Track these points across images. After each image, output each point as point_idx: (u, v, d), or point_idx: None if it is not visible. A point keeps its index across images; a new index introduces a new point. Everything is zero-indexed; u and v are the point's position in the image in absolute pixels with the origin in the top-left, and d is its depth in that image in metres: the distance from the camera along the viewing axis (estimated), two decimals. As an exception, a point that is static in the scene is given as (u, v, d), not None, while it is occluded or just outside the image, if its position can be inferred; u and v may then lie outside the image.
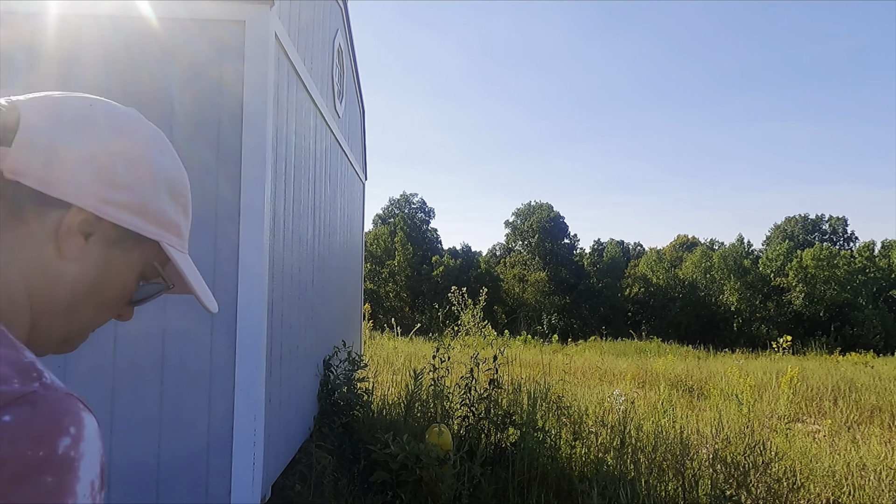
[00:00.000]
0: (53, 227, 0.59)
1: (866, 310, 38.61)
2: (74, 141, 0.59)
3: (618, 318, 43.03)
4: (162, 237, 0.66)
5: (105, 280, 0.64)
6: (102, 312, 0.68)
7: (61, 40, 2.96)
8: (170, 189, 0.67)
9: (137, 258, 0.67)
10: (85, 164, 0.59)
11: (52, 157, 0.58)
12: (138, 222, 0.63)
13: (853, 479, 4.53)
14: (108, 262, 0.63)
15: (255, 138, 2.95)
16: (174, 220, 0.67)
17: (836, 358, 16.04)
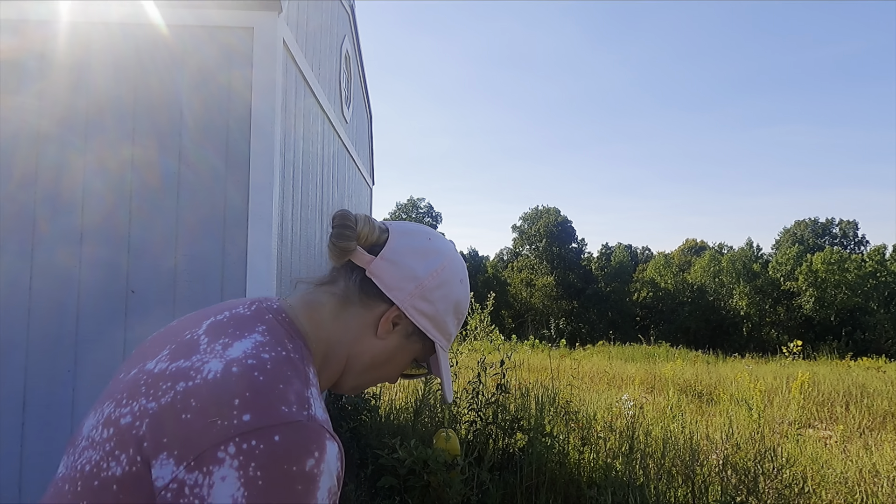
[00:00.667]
0: (378, 314, 0.86)
1: (877, 314, 38.25)
2: (413, 265, 0.86)
3: (626, 323, 42.84)
4: (439, 340, 0.91)
5: (394, 357, 0.90)
6: (382, 376, 0.93)
7: (72, 47, 2.99)
8: (456, 309, 0.92)
9: (418, 349, 0.91)
10: (413, 280, 0.86)
11: (397, 272, 0.85)
12: (429, 326, 0.89)
13: (865, 485, 4.47)
14: (400, 346, 0.90)
15: (263, 143, 2.96)
16: (451, 331, 0.93)
17: (848, 363, 15.89)
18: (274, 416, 0.66)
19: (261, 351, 0.74)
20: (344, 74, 5.53)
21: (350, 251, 0.86)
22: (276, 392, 0.69)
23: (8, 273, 2.87)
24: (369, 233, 0.87)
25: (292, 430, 0.66)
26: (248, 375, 0.70)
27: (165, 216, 2.94)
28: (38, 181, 2.92)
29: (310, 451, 0.66)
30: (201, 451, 0.64)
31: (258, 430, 0.65)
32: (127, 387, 0.75)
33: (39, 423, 2.83)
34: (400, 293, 0.85)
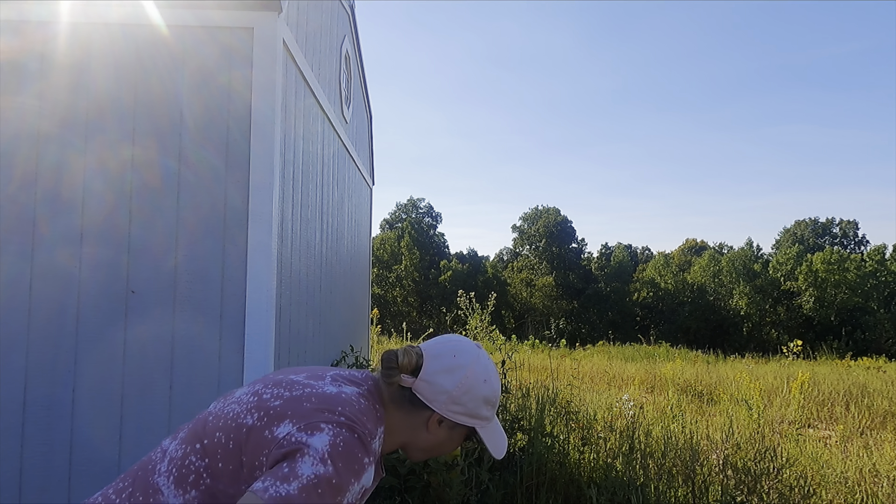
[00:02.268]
0: (425, 417, 1.21)
1: (878, 314, 38.24)
2: (443, 382, 1.18)
3: (626, 323, 42.84)
4: (477, 425, 1.24)
5: (445, 443, 1.25)
6: (443, 452, 1.27)
7: (72, 48, 2.99)
8: (486, 401, 1.23)
9: (462, 433, 1.25)
10: (444, 393, 1.19)
11: (433, 389, 1.18)
12: (467, 420, 1.22)
13: (866, 485, 4.47)
14: (448, 436, 1.24)
15: (263, 144, 2.97)
16: (486, 416, 1.24)
17: (848, 362, 15.89)
18: (361, 425, 1.08)
19: (361, 398, 1.15)
20: (344, 74, 5.53)
21: (397, 382, 1.20)
22: (364, 417, 1.11)
23: (8, 273, 2.87)
24: (408, 363, 1.19)
25: (365, 439, 1.07)
26: (350, 400, 1.12)
27: (165, 216, 2.94)
28: (39, 182, 2.92)
29: (367, 454, 1.05)
30: (312, 422, 1.04)
31: (350, 425, 1.06)
32: (275, 382, 1.16)
33: (39, 423, 2.83)
34: (437, 403, 1.19)
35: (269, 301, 2.95)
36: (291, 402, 1.09)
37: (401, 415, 1.20)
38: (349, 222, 5.92)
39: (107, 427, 2.85)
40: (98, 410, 2.85)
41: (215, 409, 1.16)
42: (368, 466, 1.05)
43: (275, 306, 3.03)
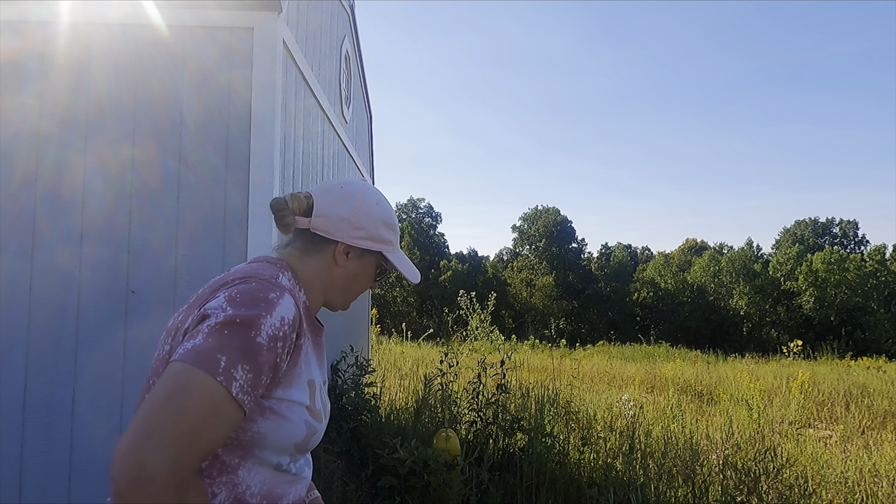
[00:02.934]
0: (332, 252, 1.21)
1: (878, 314, 38.23)
2: (338, 211, 1.20)
3: (626, 323, 42.83)
4: (382, 248, 1.25)
5: (359, 276, 1.26)
6: (361, 288, 1.28)
7: (72, 48, 2.99)
8: (384, 223, 1.24)
9: (373, 260, 1.26)
10: (343, 221, 1.20)
11: (330, 221, 1.20)
12: (371, 244, 1.22)
13: (866, 485, 4.47)
14: (360, 266, 1.25)
15: (263, 144, 2.97)
16: (388, 238, 1.25)
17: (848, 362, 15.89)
18: (255, 274, 1.09)
19: (251, 262, 1.19)
20: (344, 74, 5.53)
21: (292, 224, 1.20)
22: (259, 269, 1.12)
23: (8, 273, 2.87)
24: (299, 205, 1.20)
25: (265, 283, 1.06)
26: (237, 267, 1.17)
27: (165, 216, 2.94)
28: (39, 182, 2.92)
29: (272, 289, 1.04)
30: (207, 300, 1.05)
31: (242, 278, 1.07)
32: None
33: (39, 424, 2.83)
34: (339, 233, 1.20)
35: (269, 301, 2.95)
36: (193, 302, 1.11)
37: (310, 261, 1.21)
38: (349, 222, 5.91)
39: (107, 427, 2.85)
40: (98, 410, 2.85)
41: None
42: (280, 299, 1.02)
43: (275, 306, 3.03)
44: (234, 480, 1.02)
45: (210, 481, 1.01)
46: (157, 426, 0.85)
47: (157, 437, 0.85)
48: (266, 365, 0.97)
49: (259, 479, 1.05)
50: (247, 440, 1.02)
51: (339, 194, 1.21)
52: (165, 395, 0.88)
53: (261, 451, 1.04)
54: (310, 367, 1.12)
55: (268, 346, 0.97)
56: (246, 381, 0.94)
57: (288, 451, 1.08)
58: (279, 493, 1.08)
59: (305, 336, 1.12)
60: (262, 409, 1.02)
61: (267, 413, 1.02)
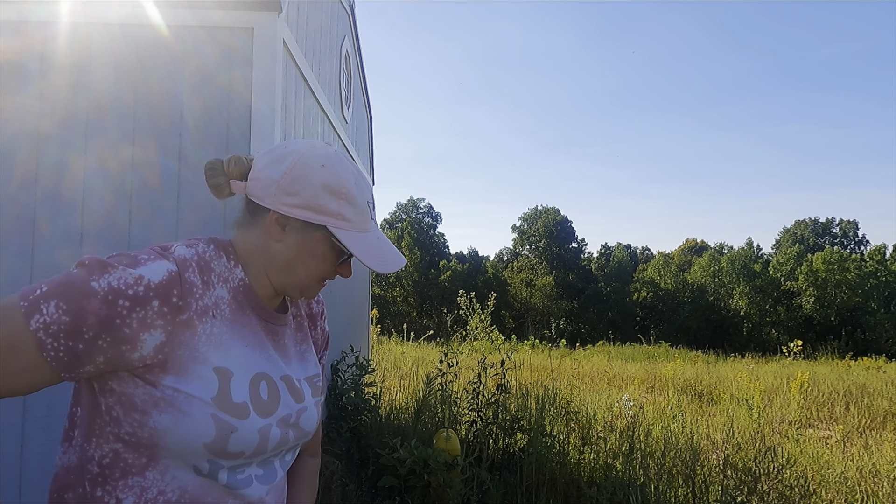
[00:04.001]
0: (265, 223, 1.00)
1: (878, 314, 38.22)
2: (270, 173, 0.98)
3: (626, 323, 42.82)
4: (327, 221, 0.98)
5: (306, 252, 1.01)
6: (310, 272, 1.03)
7: (72, 48, 2.99)
8: (328, 190, 0.98)
9: (320, 238, 1.00)
10: (273, 184, 0.98)
11: (261, 184, 0.98)
12: (308, 214, 0.98)
13: (866, 485, 4.47)
14: (303, 240, 1.00)
15: (263, 144, 2.96)
16: (336, 210, 0.99)
17: (848, 362, 15.89)
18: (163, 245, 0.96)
19: None
20: (344, 75, 5.53)
21: (223, 186, 1.02)
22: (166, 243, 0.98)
23: (8, 273, 2.87)
24: (236, 167, 1.02)
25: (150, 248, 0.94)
26: None
27: (166, 217, 2.94)
28: (39, 182, 2.92)
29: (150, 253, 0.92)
30: None
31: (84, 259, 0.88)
32: None
33: (39, 424, 2.83)
34: (268, 199, 0.98)
35: (269, 301, 2.95)
36: None
37: (248, 234, 1.02)
38: (349, 222, 5.91)
39: (107, 427, 2.85)
40: (98, 410, 2.85)
41: None
42: (150, 261, 0.88)
43: (275, 306, 3.03)
44: (142, 484, 0.89)
45: (112, 484, 0.89)
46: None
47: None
48: (93, 316, 0.82)
49: (177, 485, 0.90)
50: (146, 437, 0.88)
51: (279, 154, 1.00)
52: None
53: (165, 451, 0.89)
54: (224, 352, 0.93)
55: (103, 297, 0.82)
56: (54, 321, 0.81)
57: (200, 454, 0.90)
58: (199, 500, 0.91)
59: (219, 316, 0.95)
60: (157, 400, 0.87)
61: (161, 405, 0.87)
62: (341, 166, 1.01)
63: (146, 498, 0.89)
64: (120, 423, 0.89)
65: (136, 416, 0.88)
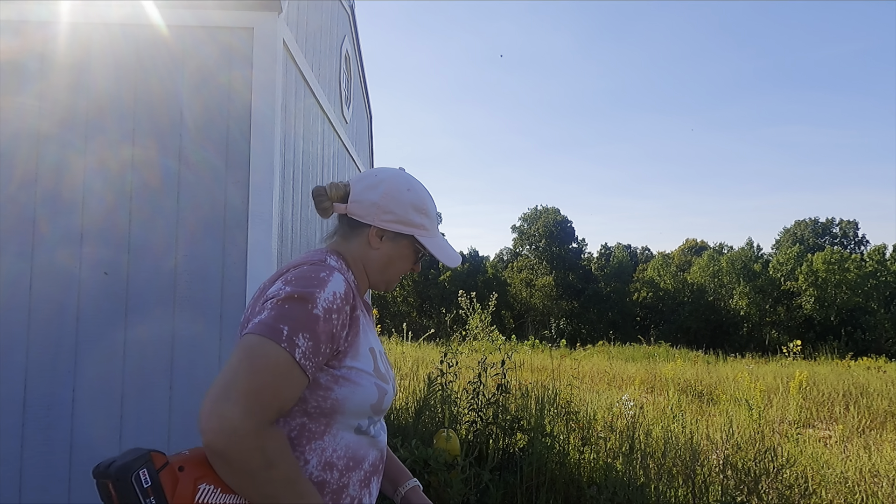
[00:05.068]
0: (366, 235, 1.32)
1: (878, 314, 38.22)
2: (369, 197, 1.30)
3: (626, 323, 42.82)
4: (414, 231, 1.33)
5: (395, 259, 1.35)
6: (401, 270, 1.37)
7: (72, 48, 2.99)
8: (414, 208, 1.32)
9: (408, 243, 1.35)
10: (373, 206, 1.30)
11: (363, 206, 1.31)
12: (402, 227, 1.32)
13: (866, 485, 4.47)
14: (394, 249, 1.34)
15: (263, 144, 2.96)
16: (419, 223, 1.33)
17: (848, 363, 15.88)
18: (302, 262, 1.23)
19: (305, 253, 1.32)
20: (344, 75, 5.53)
21: (329, 209, 1.33)
22: (305, 258, 1.26)
23: (8, 274, 2.87)
24: (337, 192, 1.33)
25: (314, 267, 1.19)
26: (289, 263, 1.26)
27: (165, 216, 2.94)
28: (39, 182, 2.92)
29: (322, 269, 1.18)
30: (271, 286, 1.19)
31: (293, 267, 1.21)
32: None
33: (39, 424, 2.83)
34: (370, 217, 1.30)
35: (269, 301, 2.94)
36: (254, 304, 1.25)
37: (350, 245, 1.33)
38: (349, 222, 5.91)
39: (107, 427, 2.84)
40: (98, 410, 2.85)
41: None
42: (330, 277, 1.16)
43: (275, 306, 3.02)
44: (321, 446, 1.16)
45: (300, 450, 1.15)
46: (232, 386, 1.00)
47: (233, 396, 0.99)
48: (324, 334, 1.10)
49: (343, 443, 1.19)
50: (328, 408, 1.15)
51: (372, 181, 1.32)
52: (238, 360, 1.03)
53: (342, 416, 1.17)
54: (367, 336, 1.25)
55: (324, 318, 1.10)
56: (307, 349, 1.07)
57: (366, 414, 1.21)
58: (361, 455, 1.22)
59: (361, 309, 1.25)
60: (336, 378, 1.16)
61: (341, 381, 1.16)
62: (420, 188, 1.37)
63: (324, 457, 1.16)
64: (306, 401, 1.14)
65: (321, 392, 1.14)
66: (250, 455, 0.99)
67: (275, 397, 1.03)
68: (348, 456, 1.19)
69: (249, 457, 0.99)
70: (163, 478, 1.00)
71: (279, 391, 1.04)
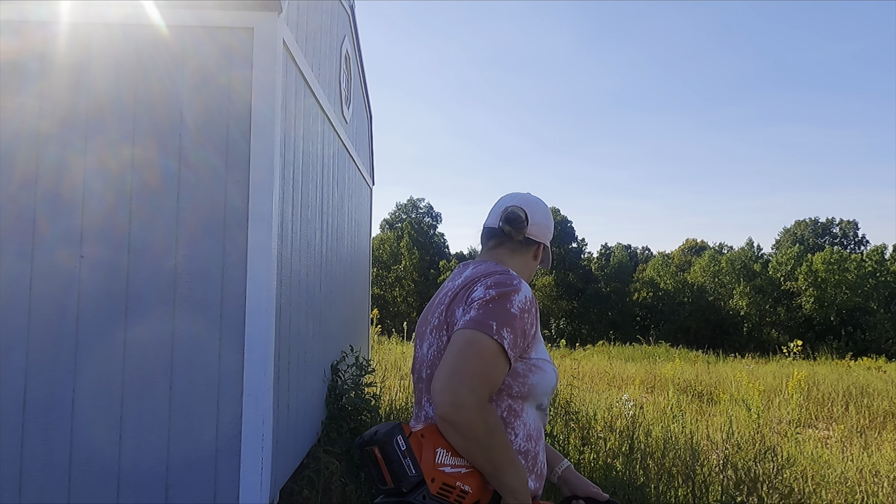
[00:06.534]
0: (534, 249, 1.63)
1: (878, 314, 38.22)
2: (541, 222, 1.63)
3: (626, 323, 42.82)
4: (545, 242, 1.67)
5: (539, 262, 1.69)
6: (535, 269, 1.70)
7: (72, 48, 2.99)
8: (549, 227, 1.67)
9: (542, 250, 1.67)
10: (546, 227, 1.65)
11: (539, 228, 1.62)
12: (545, 242, 1.66)
13: (866, 485, 4.47)
14: (540, 256, 1.67)
15: (263, 144, 2.97)
16: (548, 236, 1.67)
17: (848, 363, 15.88)
18: (495, 270, 1.48)
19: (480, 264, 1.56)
20: (344, 75, 5.53)
21: (525, 232, 1.60)
22: (494, 267, 1.51)
23: (8, 274, 2.87)
24: (524, 217, 1.60)
25: (505, 272, 1.46)
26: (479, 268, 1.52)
27: (165, 216, 2.94)
28: (39, 182, 2.92)
29: (515, 277, 1.44)
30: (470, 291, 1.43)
31: (489, 274, 1.45)
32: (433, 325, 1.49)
33: (39, 424, 2.83)
34: (541, 236, 1.64)
35: (269, 301, 2.95)
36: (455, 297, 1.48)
37: (517, 257, 1.61)
38: (349, 222, 5.92)
39: (107, 427, 2.85)
40: (98, 410, 2.85)
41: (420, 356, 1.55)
42: (521, 283, 1.42)
43: (275, 306, 3.03)
44: (524, 421, 1.42)
45: (511, 426, 1.39)
46: (459, 369, 1.24)
47: (460, 376, 1.24)
48: (519, 330, 1.34)
49: (532, 418, 1.45)
50: (525, 391, 1.40)
51: (537, 206, 1.64)
52: (460, 348, 1.28)
53: (533, 397, 1.43)
54: (538, 329, 1.50)
55: (520, 316, 1.35)
56: (511, 341, 1.31)
57: (548, 394, 1.47)
58: (540, 427, 1.49)
59: None
60: (530, 366, 1.40)
61: (533, 369, 1.41)
62: (549, 211, 1.70)
63: (525, 431, 1.42)
64: (511, 386, 1.38)
65: (520, 379, 1.39)
66: (475, 424, 1.22)
67: (490, 378, 1.28)
68: (536, 428, 1.46)
69: (475, 426, 1.22)
70: (412, 442, 1.24)
71: (493, 374, 1.29)
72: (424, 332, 1.52)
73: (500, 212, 1.62)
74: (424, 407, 1.47)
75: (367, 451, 1.25)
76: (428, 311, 1.56)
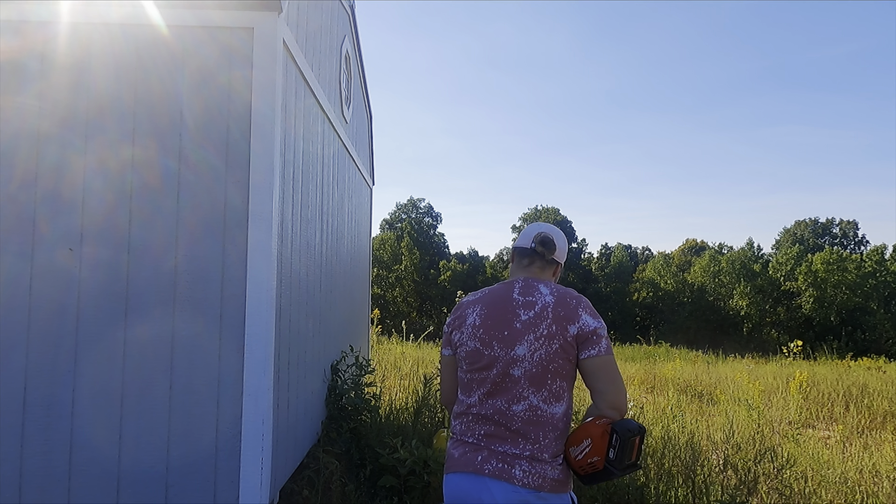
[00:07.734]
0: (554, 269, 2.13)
1: (878, 314, 38.22)
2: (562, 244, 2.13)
3: (626, 323, 42.81)
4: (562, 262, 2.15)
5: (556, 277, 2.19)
6: None
7: (73, 48, 2.99)
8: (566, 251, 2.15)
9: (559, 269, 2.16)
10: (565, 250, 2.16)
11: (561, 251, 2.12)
12: (562, 262, 2.15)
13: (866, 485, 4.47)
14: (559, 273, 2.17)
15: (263, 144, 2.97)
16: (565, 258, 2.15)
17: (848, 363, 15.87)
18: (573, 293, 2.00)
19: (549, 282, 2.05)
20: (344, 75, 5.53)
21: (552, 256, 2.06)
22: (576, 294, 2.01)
23: (8, 274, 2.87)
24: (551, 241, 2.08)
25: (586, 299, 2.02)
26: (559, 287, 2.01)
27: (165, 216, 2.94)
28: (39, 182, 2.92)
29: None
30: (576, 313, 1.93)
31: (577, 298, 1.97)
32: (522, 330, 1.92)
33: (39, 423, 2.83)
34: (561, 258, 2.10)
35: (269, 301, 2.95)
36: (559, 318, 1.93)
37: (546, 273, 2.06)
38: (349, 222, 5.92)
39: (107, 427, 2.85)
40: (98, 410, 2.85)
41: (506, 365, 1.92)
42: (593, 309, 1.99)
43: (275, 306, 3.03)
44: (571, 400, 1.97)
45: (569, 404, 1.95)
46: (621, 385, 1.88)
47: (621, 385, 1.89)
48: None
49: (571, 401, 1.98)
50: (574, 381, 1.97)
51: (561, 235, 2.12)
52: (615, 371, 1.88)
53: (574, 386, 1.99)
54: None
55: None
56: None
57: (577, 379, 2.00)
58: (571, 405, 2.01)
59: None
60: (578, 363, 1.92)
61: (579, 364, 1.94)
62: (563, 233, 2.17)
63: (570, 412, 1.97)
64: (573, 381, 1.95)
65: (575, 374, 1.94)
66: None
67: None
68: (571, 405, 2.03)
69: None
70: None
71: None
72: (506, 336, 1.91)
73: (532, 236, 2.06)
74: (528, 398, 1.87)
75: (628, 443, 1.76)
76: (502, 318, 1.94)
